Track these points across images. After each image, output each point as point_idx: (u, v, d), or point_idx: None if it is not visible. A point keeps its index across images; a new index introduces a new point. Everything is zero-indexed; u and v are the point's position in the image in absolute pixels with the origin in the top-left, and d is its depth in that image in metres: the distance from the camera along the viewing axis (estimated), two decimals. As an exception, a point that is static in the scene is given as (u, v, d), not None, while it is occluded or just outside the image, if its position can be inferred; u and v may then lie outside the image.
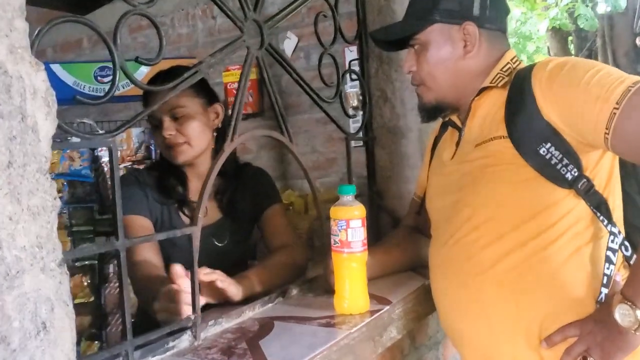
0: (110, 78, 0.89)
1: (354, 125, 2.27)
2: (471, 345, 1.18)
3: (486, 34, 1.20)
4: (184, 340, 1.03)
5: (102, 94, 0.89)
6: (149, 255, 1.36)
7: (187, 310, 1.08)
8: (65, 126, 0.79)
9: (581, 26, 3.35)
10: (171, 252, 1.43)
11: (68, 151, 2.58)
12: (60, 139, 0.74)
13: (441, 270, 1.21)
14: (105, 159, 2.60)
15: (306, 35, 2.84)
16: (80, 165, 2.57)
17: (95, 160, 2.61)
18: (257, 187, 1.58)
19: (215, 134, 1.52)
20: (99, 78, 2.78)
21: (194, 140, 1.44)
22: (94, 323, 2.66)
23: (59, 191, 2.68)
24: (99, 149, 2.57)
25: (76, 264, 2.62)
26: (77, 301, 2.72)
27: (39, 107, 0.67)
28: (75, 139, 0.87)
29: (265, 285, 1.32)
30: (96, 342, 2.65)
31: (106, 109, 3.33)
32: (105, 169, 2.61)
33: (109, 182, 2.55)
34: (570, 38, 3.65)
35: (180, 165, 1.48)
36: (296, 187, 2.85)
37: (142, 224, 1.41)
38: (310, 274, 1.49)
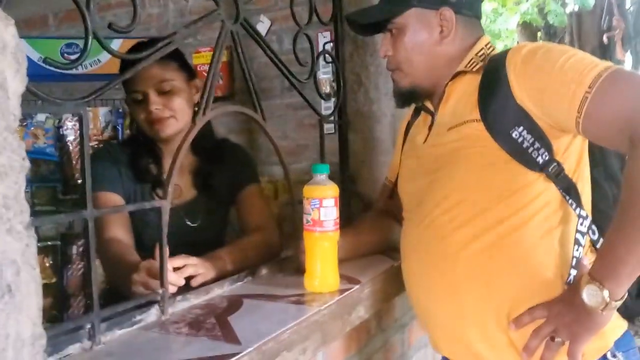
0: (77, 55, 0.86)
1: (326, 111, 2.26)
2: (440, 325, 1.19)
3: (462, 20, 1.21)
4: (152, 315, 1.02)
5: (68, 72, 0.86)
6: (120, 232, 1.33)
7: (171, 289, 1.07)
8: (34, 89, 0.76)
9: (551, 22, 3.42)
10: (142, 230, 1.40)
11: (32, 128, 2.51)
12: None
13: (413, 250, 1.22)
14: (70, 137, 2.54)
15: (279, 19, 2.82)
16: (45, 143, 2.50)
17: (60, 139, 2.55)
18: (234, 165, 1.56)
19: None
20: (65, 55, 2.70)
21: (179, 114, 1.41)
22: (55, 305, 2.60)
23: (21, 169, 2.59)
24: (64, 127, 2.51)
25: (38, 244, 2.54)
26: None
27: (9, 63, 0.65)
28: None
29: (237, 266, 1.31)
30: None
31: (71, 88, 3.24)
32: (70, 147, 2.55)
33: (74, 162, 2.49)
34: (539, 34, 3.72)
35: (155, 143, 1.45)
36: (266, 173, 2.83)
37: (114, 200, 1.37)
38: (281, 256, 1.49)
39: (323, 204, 1.15)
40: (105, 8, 3.33)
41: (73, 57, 2.68)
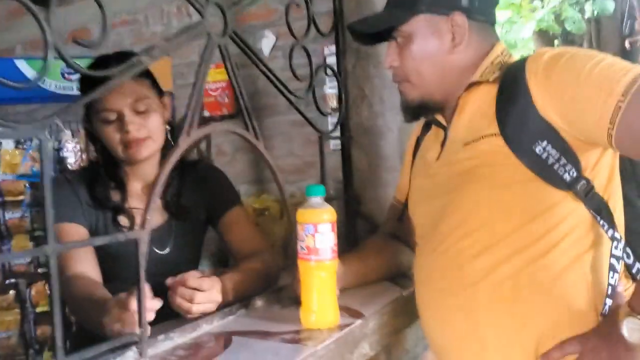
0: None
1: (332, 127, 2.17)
2: None
3: (475, 26, 1.11)
4: (129, 358, 0.92)
5: (69, 92, 0.78)
6: (87, 268, 1.22)
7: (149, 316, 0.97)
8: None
9: (568, 29, 3.30)
10: (108, 265, 1.29)
11: (31, 151, 2.45)
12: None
13: (428, 280, 1.12)
14: (71, 160, 2.47)
15: (284, 34, 2.74)
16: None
17: (60, 161, 2.48)
18: (211, 188, 1.45)
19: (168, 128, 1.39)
20: (65, 75, 2.64)
21: (155, 134, 1.32)
22: (77, 331, 2.52)
23: (21, 193, 2.54)
24: (64, 149, 2.44)
25: (38, 270, 2.48)
26: (39, 309, 2.59)
27: None
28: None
29: (237, 294, 1.20)
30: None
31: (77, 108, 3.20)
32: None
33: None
34: (556, 42, 3.60)
35: (119, 166, 1.35)
36: (272, 191, 2.73)
37: (78, 232, 1.26)
38: (281, 282, 1.38)
39: (318, 230, 1.04)
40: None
41: (74, 77, 2.62)
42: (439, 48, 1.11)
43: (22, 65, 2.57)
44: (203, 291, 1.10)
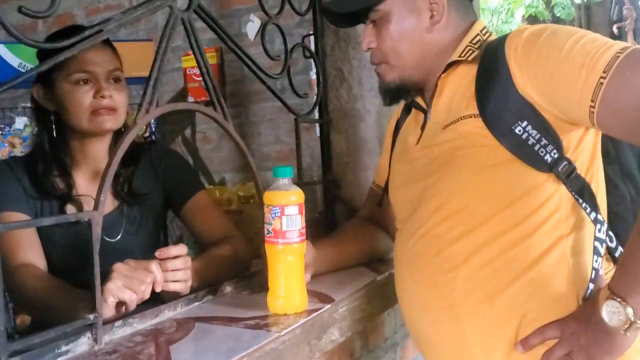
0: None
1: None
2: (439, 349, 1.05)
3: (454, 3, 1.07)
4: (82, 344, 0.88)
5: None
6: (33, 256, 1.16)
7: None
8: None
9: (558, 15, 3.27)
10: (54, 256, 1.23)
11: (9, 137, 2.40)
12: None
13: (406, 266, 1.08)
14: (50, 146, 2.42)
15: (270, 18, 2.69)
16: (22, 152, 2.38)
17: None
18: (170, 171, 1.39)
19: None
20: (47, 60, 2.59)
21: (122, 110, 1.26)
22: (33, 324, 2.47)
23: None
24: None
25: None
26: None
27: None
28: None
29: (201, 281, 1.16)
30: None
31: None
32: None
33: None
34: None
35: (64, 152, 1.28)
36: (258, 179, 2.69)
37: (22, 220, 1.20)
38: (254, 268, 1.34)
39: (285, 212, 1.00)
40: (93, 12, 3.24)
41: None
42: (418, 26, 1.07)
43: (1, 50, 2.52)
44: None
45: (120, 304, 0.98)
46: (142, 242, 1.33)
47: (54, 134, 1.27)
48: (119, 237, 1.29)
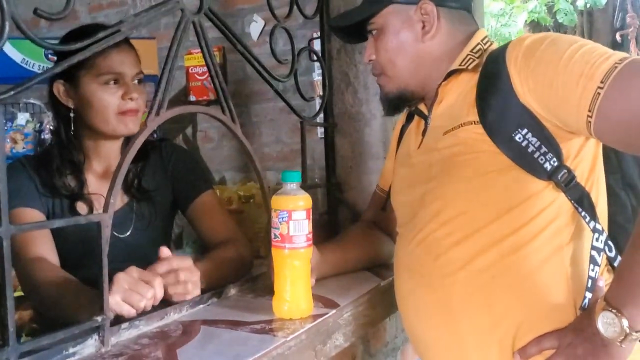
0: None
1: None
2: (436, 353, 1.05)
3: (447, 13, 1.09)
4: (89, 346, 0.88)
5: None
6: (46, 251, 1.18)
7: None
8: None
9: (560, 21, 3.27)
10: (65, 253, 1.24)
11: (11, 132, 2.39)
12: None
13: (406, 270, 1.09)
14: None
15: (273, 19, 2.68)
16: (24, 148, 2.37)
17: (41, 144, 2.42)
18: (179, 170, 1.40)
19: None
20: (50, 56, 2.58)
21: (142, 111, 1.28)
22: (35, 318, 2.47)
23: None
24: (45, 131, 2.38)
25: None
26: (17, 294, 2.54)
27: None
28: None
29: (208, 283, 1.16)
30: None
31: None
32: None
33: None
34: (548, 33, 3.59)
35: (77, 149, 1.29)
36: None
37: (34, 217, 1.22)
38: (258, 271, 1.34)
39: (293, 217, 1.00)
40: (96, 9, 3.23)
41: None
42: (410, 37, 1.09)
43: (5, 46, 2.50)
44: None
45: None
46: (152, 238, 1.34)
47: (71, 131, 1.29)
48: (128, 232, 1.31)
